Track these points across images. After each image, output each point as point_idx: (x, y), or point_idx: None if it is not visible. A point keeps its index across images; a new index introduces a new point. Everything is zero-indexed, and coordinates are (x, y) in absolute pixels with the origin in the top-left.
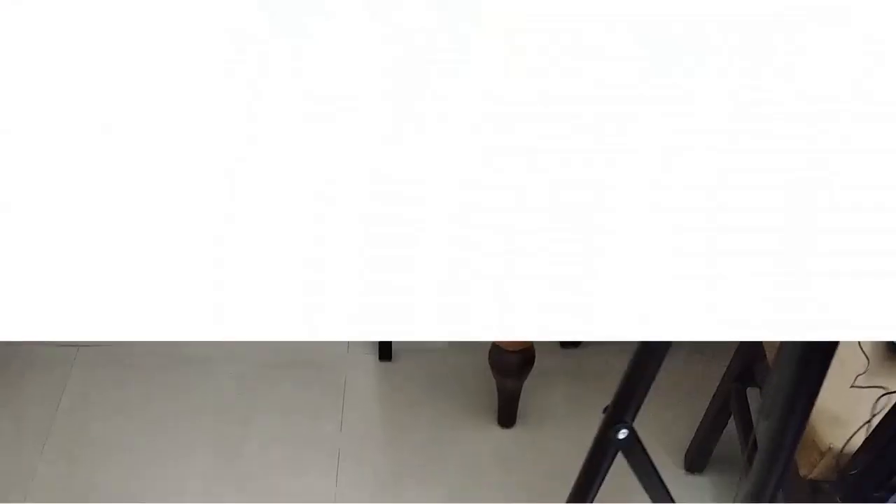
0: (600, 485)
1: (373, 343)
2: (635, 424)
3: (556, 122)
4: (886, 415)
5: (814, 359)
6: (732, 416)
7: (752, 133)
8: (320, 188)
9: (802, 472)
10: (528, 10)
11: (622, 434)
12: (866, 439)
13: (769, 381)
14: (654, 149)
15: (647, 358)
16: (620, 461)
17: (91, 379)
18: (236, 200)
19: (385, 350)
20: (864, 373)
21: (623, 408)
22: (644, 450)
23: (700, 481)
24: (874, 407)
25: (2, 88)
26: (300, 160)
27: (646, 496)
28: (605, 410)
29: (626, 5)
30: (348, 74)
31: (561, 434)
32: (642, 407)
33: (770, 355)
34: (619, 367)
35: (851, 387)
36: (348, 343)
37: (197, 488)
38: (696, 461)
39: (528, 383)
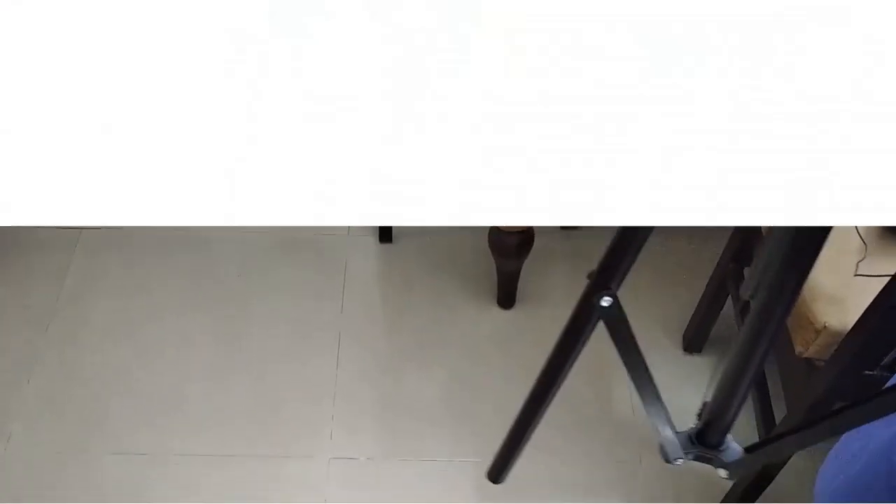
0: (578, 355)
1: (373, 225)
2: (634, 301)
3: (556, 122)
4: (879, 293)
5: (806, 244)
6: (730, 296)
7: (752, 133)
8: (320, 188)
9: (798, 349)
10: (528, 10)
11: (605, 302)
12: (860, 317)
13: (757, 263)
14: (654, 149)
15: (636, 226)
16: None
17: (93, 262)
18: (236, 200)
19: (385, 232)
20: (863, 259)
21: (608, 275)
22: (626, 321)
23: (698, 361)
24: None
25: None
26: (300, 160)
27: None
28: (589, 276)
29: (626, 5)
30: (348, 74)
31: (560, 315)
32: (641, 289)
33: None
34: None
35: (856, 275)
36: (348, 225)
37: (198, 370)
38: (693, 341)
39: (528, 265)
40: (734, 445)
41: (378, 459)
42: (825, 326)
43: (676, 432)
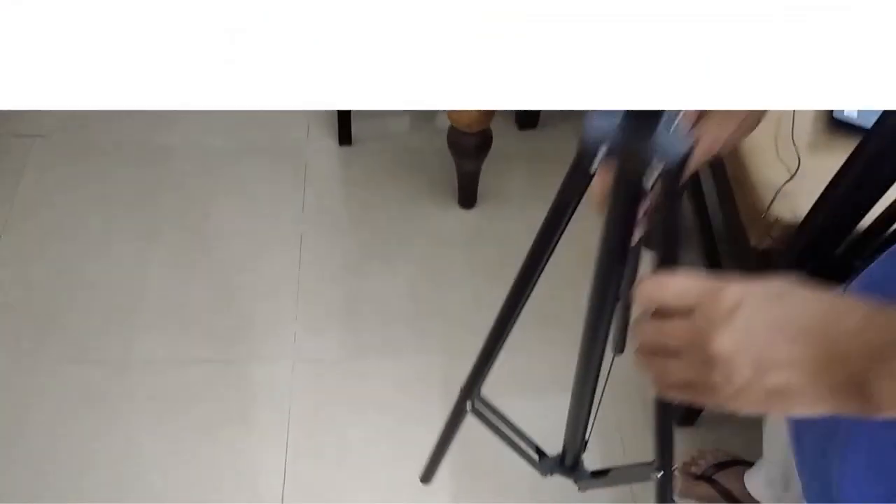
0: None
1: (332, 128)
2: None
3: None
4: (827, 186)
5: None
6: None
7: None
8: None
9: (752, 242)
10: None
11: (469, 406)
12: (810, 210)
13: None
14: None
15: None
16: None
17: (48, 171)
18: (208, 85)
19: (345, 135)
20: (791, 179)
21: (471, 386)
22: (488, 414)
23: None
24: None
25: None
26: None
27: None
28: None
29: None
30: None
31: (519, 214)
32: None
33: None
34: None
35: (775, 197)
36: (308, 128)
37: (158, 276)
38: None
39: (487, 165)
40: (584, 469)
41: (344, 360)
42: (777, 219)
43: (545, 460)
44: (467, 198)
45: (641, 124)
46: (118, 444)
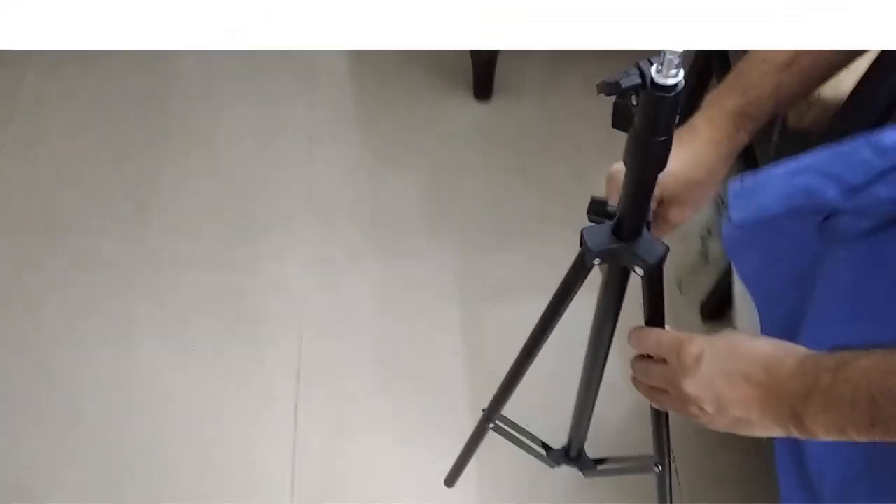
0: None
1: None
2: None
3: None
4: (871, 65)
5: None
6: None
7: None
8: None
9: (791, 121)
10: None
11: (491, 425)
12: (853, 89)
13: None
14: None
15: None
16: None
17: (50, 73)
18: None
19: None
20: None
21: (492, 411)
22: (507, 430)
23: None
24: None
25: None
26: None
27: None
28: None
29: None
30: None
31: (537, 106)
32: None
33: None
34: None
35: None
36: None
37: (166, 176)
38: None
39: (504, 55)
40: (587, 458)
41: (355, 260)
42: (818, 97)
43: (552, 452)
44: (483, 89)
45: (624, 242)
46: (128, 346)
